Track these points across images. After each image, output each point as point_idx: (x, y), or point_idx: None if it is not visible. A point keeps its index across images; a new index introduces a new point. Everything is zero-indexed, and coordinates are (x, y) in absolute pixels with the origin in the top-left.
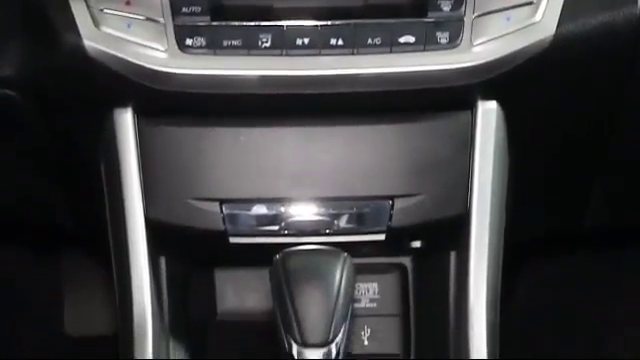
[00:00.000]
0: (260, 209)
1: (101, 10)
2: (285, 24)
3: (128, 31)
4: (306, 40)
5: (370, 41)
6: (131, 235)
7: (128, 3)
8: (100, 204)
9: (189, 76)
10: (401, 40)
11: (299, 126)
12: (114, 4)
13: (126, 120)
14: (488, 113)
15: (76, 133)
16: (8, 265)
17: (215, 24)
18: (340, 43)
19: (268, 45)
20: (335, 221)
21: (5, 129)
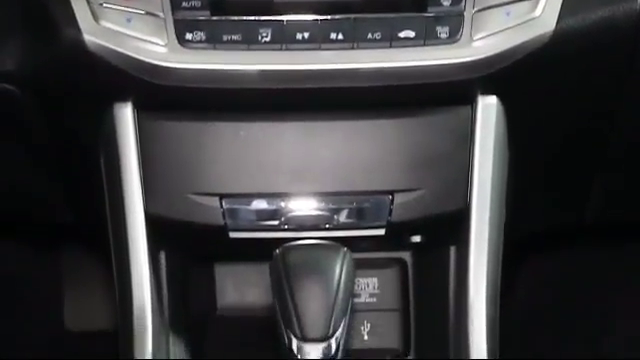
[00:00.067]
0: (260, 204)
1: (101, 4)
2: (285, 19)
3: (128, 26)
4: (306, 35)
5: (370, 36)
6: (131, 230)
7: None
8: (100, 199)
9: (189, 71)
10: (401, 35)
11: (299, 121)
12: None
13: (126, 115)
14: (488, 108)
15: (76, 128)
16: (8, 261)
17: (215, 19)
18: (340, 38)
19: (268, 40)
20: (335, 216)
21: (5, 124)
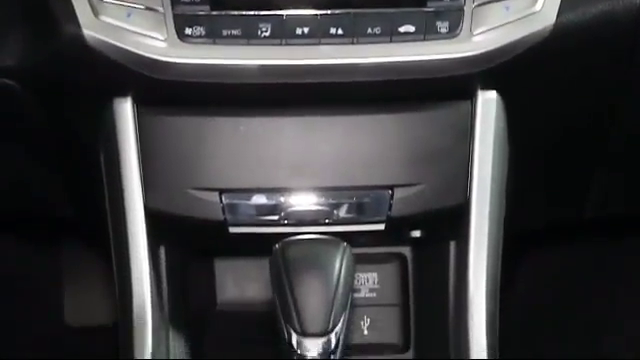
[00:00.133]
0: (260, 199)
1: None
2: (285, 13)
3: (127, 20)
4: (306, 29)
5: (370, 30)
6: (131, 225)
7: None
8: (100, 194)
9: (188, 65)
10: (401, 29)
11: (299, 116)
12: None
13: (126, 110)
14: (488, 103)
15: (76, 123)
16: (8, 256)
17: (215, 13)
18: (340, 32)
19: (268, 34)
20: (335, 211)
21: (5, 120)
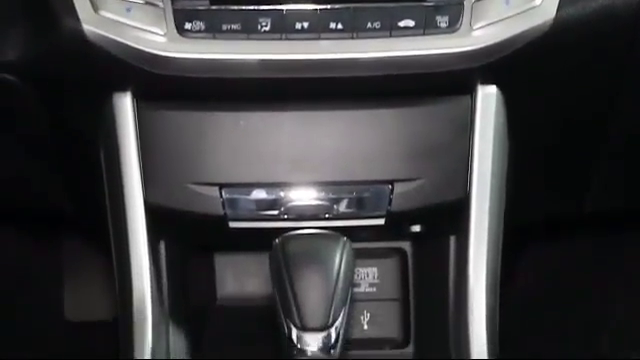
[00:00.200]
0: (260, 194)
1: None
2: (284, 8)
3: (127, 15)
4: (305, 24)
5: (370, 25)
6: (130, 220)
7: None
8: (100, 189)
9: (188, 60)
10: (401, 24)
11: (299, 110)
12: None
13: (125, 105)
14: (488, 97)
15: (75, 118)
16: (8, 251)
17: (214, 8)
18: (340, 27)
19: (267, 29)
20: (335, 205)
21: (5, 115)
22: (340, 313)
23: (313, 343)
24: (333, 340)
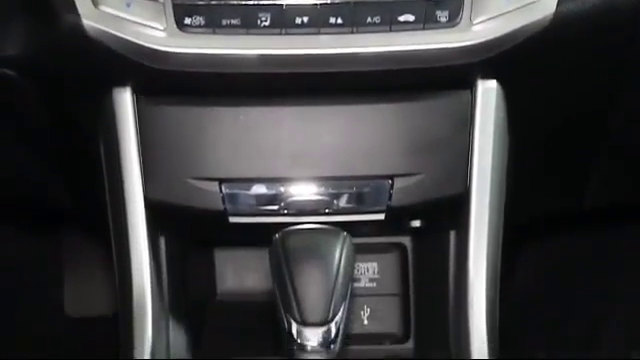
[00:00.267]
0: (260, 189)
1: None
2: (284, 3)
3: (127, 10)
4: (305, 19)
5: (369, 20)
6: (130, 215)
7: None
8: (100, 184)
9: (188, 55)
10: (400, 19)
11: (299, 105)
12: None
13: (125, 100)
14: (488, 92)
15: (75, 114)
16: (8, 246)
17: (214, 3)
18: (339, 22)
19: (267, 24)
20: (335, 200)
21: (5, 111)
22: (340, 308)
23: (313, 338)
24: (333, 335)
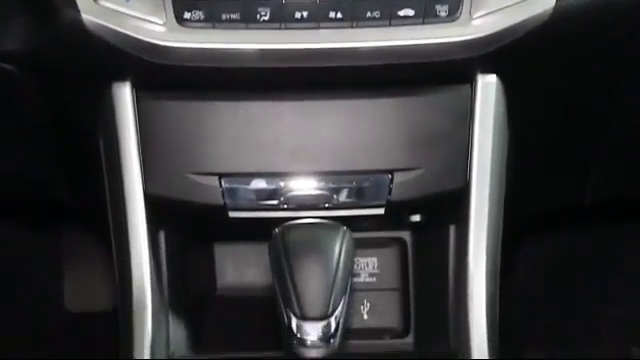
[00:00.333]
0: (259, 183)
1: None
2: None
3: (126, 5)
4: (305, 13)
5: (369, 14)
6: (130, 210)
7: None
8: (99, 180)
9: (187, 50)
10: (400, 13)
11: (298, 100)
12: None
13: (125, 94)
14: (488, 87)
15: (75, 108)
16: (8, 242)
17: None
18: (339, 16)
19: (267, 18)
20: (334, 195)
21: (5, 106)
22: (340, 303)
23: (313, 332)
24: (333, 329)
